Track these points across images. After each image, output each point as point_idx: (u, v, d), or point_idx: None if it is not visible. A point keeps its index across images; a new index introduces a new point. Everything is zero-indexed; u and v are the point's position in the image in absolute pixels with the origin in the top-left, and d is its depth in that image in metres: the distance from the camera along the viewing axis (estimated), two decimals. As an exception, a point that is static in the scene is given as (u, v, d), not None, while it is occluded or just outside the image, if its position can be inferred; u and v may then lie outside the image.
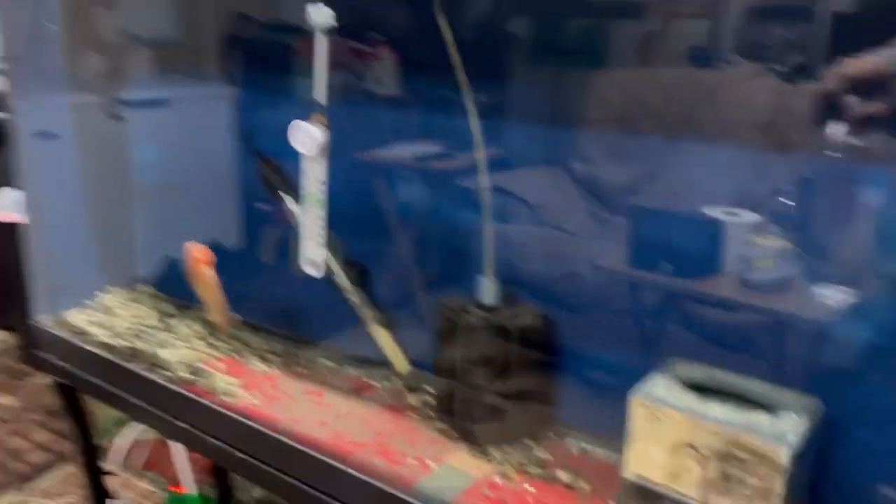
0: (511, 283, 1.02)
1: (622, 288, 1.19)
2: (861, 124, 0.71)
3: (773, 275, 0.97)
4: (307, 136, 0.89)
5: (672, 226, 1.21)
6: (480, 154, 0.93)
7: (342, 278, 1.10)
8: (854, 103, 0.71)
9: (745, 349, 0.99)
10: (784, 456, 0.68)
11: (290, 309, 1.31)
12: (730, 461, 0.72)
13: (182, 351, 1.19)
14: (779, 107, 0.96)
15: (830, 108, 0.73)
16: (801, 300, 0.92)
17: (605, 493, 0.90)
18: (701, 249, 1.12)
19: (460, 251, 1.28)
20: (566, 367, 1.05)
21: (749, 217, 1.03)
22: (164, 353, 1.18)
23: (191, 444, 1.14)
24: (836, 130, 0.73)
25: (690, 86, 1.24)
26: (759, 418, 0.72)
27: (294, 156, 1.04)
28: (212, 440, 1.08)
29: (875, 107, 0.70)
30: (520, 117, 1.16)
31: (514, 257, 1.12)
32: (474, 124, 0.91)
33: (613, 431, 1.01)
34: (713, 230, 1.14)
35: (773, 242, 0.96)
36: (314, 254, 0.97)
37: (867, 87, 0.71)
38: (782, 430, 0.70)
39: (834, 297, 0.88)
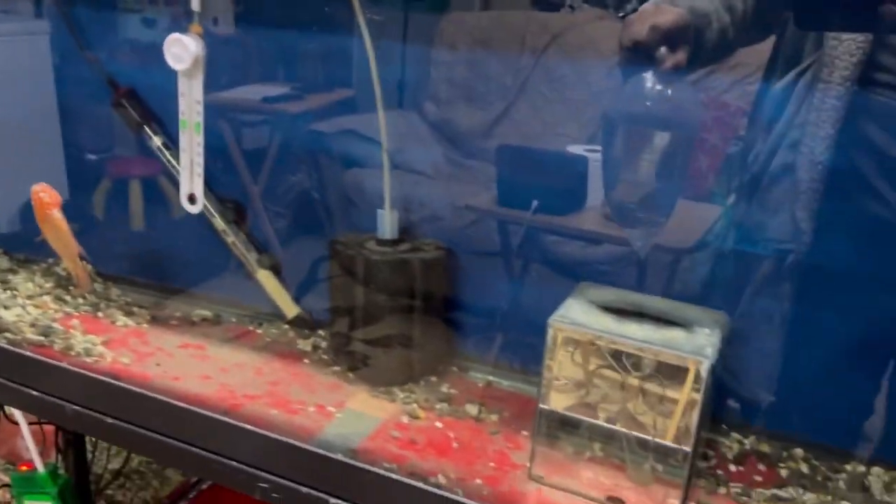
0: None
1: (489, 223, 1.19)
2: (668, 73, 0.75)
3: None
4: (182, 49, 0.78)
5: (537, 164, 1.21)
6: (376, 84, 0.86)
7: (217, 218, 0.99)
8: (661, 54, 0.74)
9: (619, 278, 1.01)
10: (704, 369, 0.69)
11: (155, 258, 1.18)
12: (650, 379, 0.73)
13: (29, 310, 1.03)
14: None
15: (638, 56, 0.76)
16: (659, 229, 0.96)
17: (515, 423, 0.89)
18: (567, 185, 1.13)
19: (325, 192, 1.21)
20: (462, 302, 1.02)
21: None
22: (6, 314, 1.01)
23: (46, 413, 1.00)
24: (648, 77, 0.75)
25: (539, 27, 1.24)
26: (677, 334, 0.73)
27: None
28: (73, 407, 0.95)
29: (678, 57, 0.74)
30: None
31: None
32: (369, 46, 0.84)
33: (513, 362, 1.01)
34: (577, 166, 1.16)
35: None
36: (193, 187, 0.86)
37: (669, 37, 0.74)
38: (700, 344, 0.71)
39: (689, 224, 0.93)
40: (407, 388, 0.94)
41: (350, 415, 0.89)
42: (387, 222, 0.91)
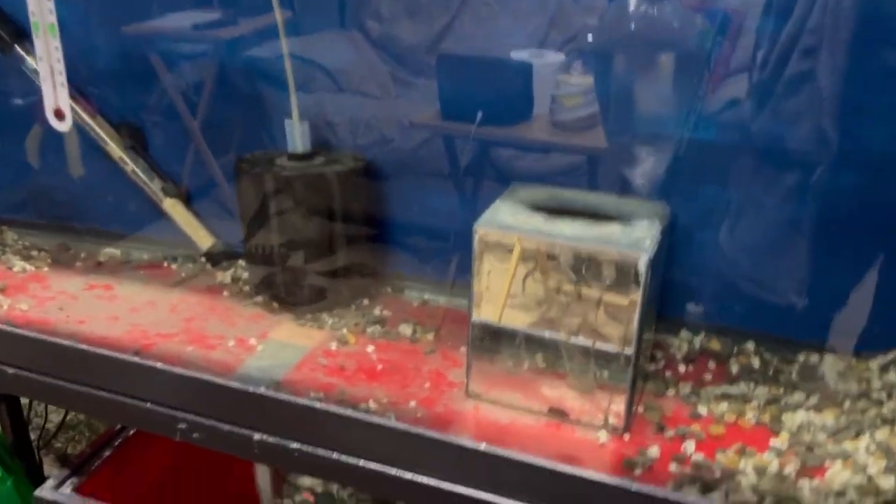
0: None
1: (439, 141, 1.12)
2: None
3: (582, 111, 0.93)
4: (18, -65, 0.66)
5: (480, 73, 1.13)
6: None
7: (110, 145, 0.89)
8: None
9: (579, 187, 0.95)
10: (642, 263, 0.63)
11: (54, 198, 1.07)
12: (586, 278, 0.66)
13: None
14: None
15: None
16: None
17: (451, 341, 0.83)
18: (512, 94, 1.06)
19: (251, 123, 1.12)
20: (397, 219, 0.95)
21: (555, 57, 0.97)
22: None
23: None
24: None
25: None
26: (612, 229, 0.66)
27: None
28: (-29, 362, 0.87)
29: None
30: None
31: (325, 126, 0.99)
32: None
33: (450, 278, 0.95)
34: (521, 73, 1.08)
35: (580, 80, 0.92)
36: (58, 99, 0.76)
37: None
38: (636, 237, 0.65)
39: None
40: (336, 313, 0.87)
41: (274, 345, 0.82)
42: (296, 134, 0.82)
